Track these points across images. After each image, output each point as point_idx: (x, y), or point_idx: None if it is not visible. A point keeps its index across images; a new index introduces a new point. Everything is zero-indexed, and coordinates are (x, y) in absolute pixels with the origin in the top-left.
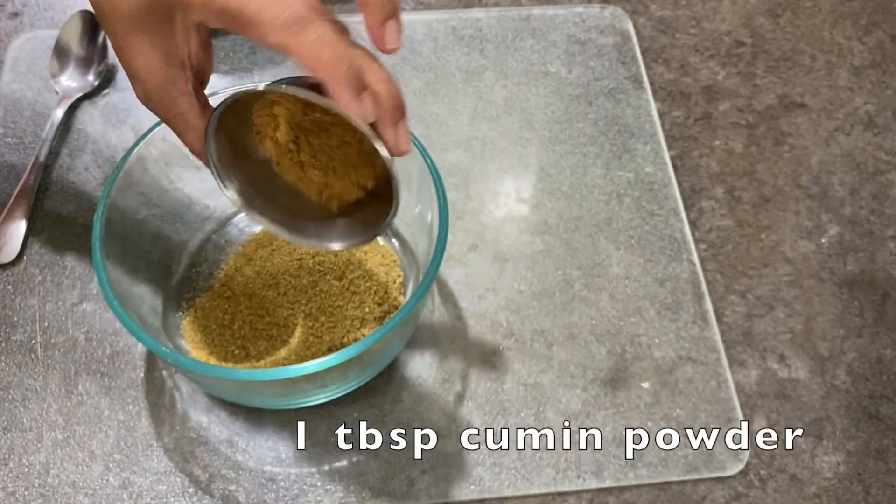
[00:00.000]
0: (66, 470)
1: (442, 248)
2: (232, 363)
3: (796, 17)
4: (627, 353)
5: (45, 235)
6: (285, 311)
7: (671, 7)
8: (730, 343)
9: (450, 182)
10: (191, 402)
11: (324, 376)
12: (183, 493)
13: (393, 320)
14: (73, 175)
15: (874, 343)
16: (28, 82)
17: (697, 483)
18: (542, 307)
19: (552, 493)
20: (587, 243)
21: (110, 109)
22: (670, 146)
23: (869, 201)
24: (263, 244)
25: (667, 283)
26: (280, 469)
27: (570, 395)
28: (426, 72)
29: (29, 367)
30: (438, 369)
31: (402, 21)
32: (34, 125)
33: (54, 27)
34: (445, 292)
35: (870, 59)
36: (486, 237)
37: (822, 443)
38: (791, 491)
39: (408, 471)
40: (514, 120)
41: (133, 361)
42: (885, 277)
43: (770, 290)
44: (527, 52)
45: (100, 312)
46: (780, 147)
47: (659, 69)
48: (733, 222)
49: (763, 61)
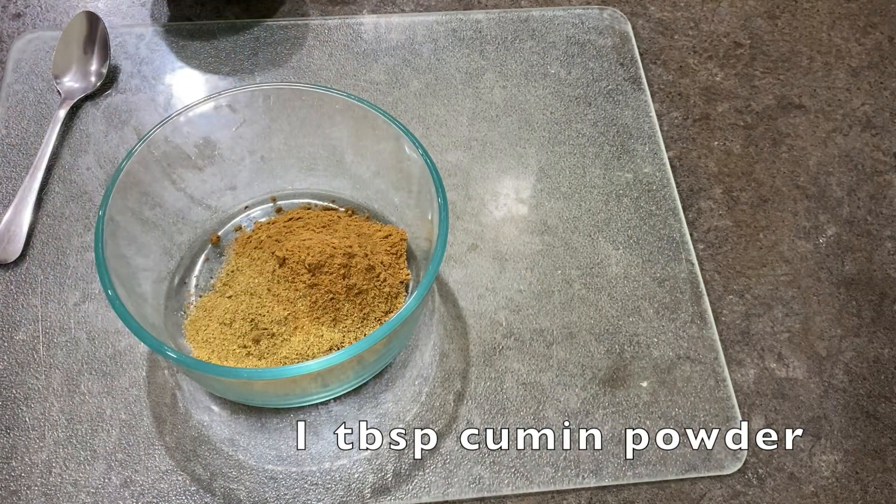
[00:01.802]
0: (69, 469)
1: (442, 248)
2: (233, 362)
3: (794, 19)
4: (626, 352)
5: (48, 235)
6: (286, 310)
7: (670, 9)
8: (728, 342)
9: (450, 182)
10: (192, 401)
11: (325, 375)
12: (184, 492)
13: (393, 320)
14: (75, 175)
15: (872, 342)
16: (30, 83)
17: (696, 482)
18: (542, 307)
19: (551, 491)
20: (586, 243)
21: (112, 110)
22: (669, 147)
23: (866, 202)
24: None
25: (665, 282)
26: (281, 468)
27: (570, 394)
28: (426, 73)
29: (31, 367)
30: (438, 369)
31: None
32: (37, 126)
33: (57, 28)
34: (445, 292)
35: (867, 60)
36: (486, 237)
37: (819, 442)
38: (789, 490)
39: (408, 470)
40: (513, 121)
41: (135, 361)
42: (883, 277)
43: (768, 290)
44: (526, 54)
45: (102, 312)
46: (778, 148)
47: (657, 70)
48: (731, 222)
49: (761, 62)
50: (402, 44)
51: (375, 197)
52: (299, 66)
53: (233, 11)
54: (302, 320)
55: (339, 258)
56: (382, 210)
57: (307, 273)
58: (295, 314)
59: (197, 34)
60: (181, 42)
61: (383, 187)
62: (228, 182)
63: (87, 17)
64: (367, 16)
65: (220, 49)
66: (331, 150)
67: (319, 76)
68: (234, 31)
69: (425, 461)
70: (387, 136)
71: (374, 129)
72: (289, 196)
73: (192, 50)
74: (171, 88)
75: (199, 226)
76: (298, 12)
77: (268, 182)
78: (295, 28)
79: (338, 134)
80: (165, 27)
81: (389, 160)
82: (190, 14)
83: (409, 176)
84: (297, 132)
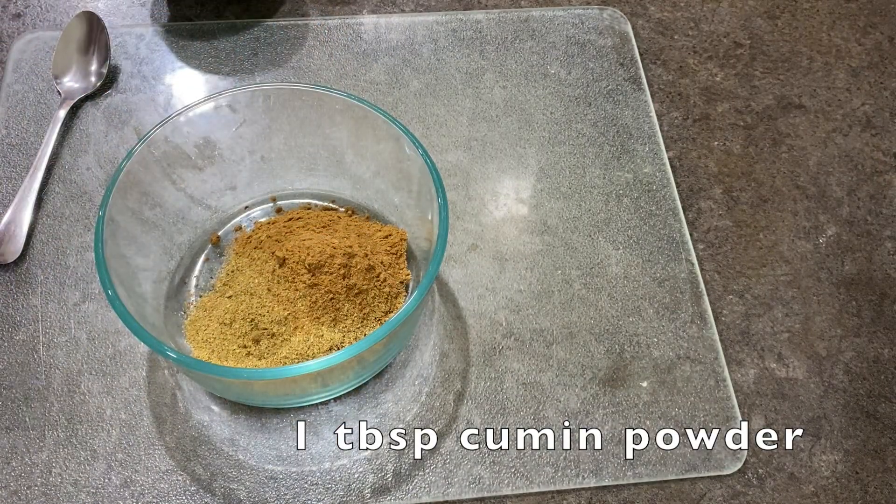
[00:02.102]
0: (69, 469)
1: (442, 248)
2: (233, 362)
3: (794, 19)
4: (626, 352)
5: (48, 235)
6: (286, 310)
7: (670, 9)
8: (728, 342)
9: (450, 182)
10: (192, 401)
11: (325, 375)
12: (185, 492)
13: (393, 320)
14: (75, 175)
15: (872, 342)
16: (31, 83)
17: (696, 482)
18: (542, 307)
19: (551, 491)
20: (586, 243)
21: (112, 110)
22: (669, 147)
23: (866, 202)
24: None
25: (665, 282)
26: (281, 468)
27: (570, 394)
28: (426, 73)
29: (31, 367)
30: (438, 369)
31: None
32: (37, 126)
33: (57, 28)
34: (445, 292)
35: (867, 60)
36: (486, 237)
37: (819, 442)
38: (789, 490)
39: (408, 470)
40: (513, 121)
41: (135, 361)
42: (883, 277)
43: (768, 290)
44: (526, 54)
45: (102, 312)
46: (777, 148)
47: (657, 70)
48: (731, 222)
49: (761, 62)
50: (402, 44)
51: (375, 197)
52: (299, 66)
53: (233, 11)
54: (302, 320)
55: (339, 258)
56: (382, 210)
57: (307, 273)
58: (295, 314)
59: (197, 34)
60: (181, 42)
61: (383, 187)
62: (228, 182)
63: (87, 17)
64: (367, 16)
65: (220, 49)
66: (331, 150)
67: (319, 76)
68: (234, 31)
69: (425, 461)
70: (387, 136)
71: (374, 129)
72: (289, 196)
73: (192, 50)
74: (171, 88)
75: (199, 226)
76: (298, 12)
77: (268, 182)
78: (295, 28)
79: (338, 134)
80: (166, 27)
81: (389, 160)
82: (190, 14)
83: (409, 176)
84: (297, 132)
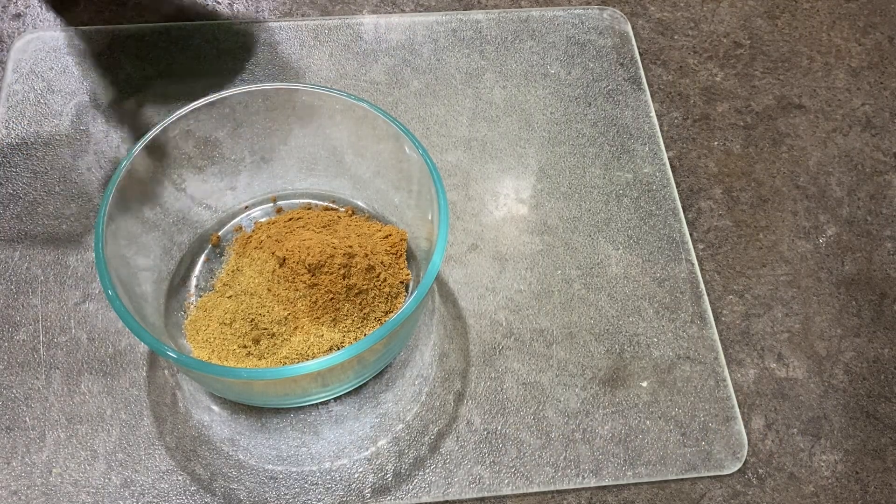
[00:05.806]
0: (69, 469)
1: (442, 249)
2: (233, 362)
3: (794, 19)
4: (626, 352)
5: (48, 236)
6: (286, 310)
7: (670, 9)
8: (728, 342)
9: (450, 182)
10: (193, 401)
11: (325, 375)
12: (185, 492)
13: (393, 320)
14: (75, 175)
15: (872, 342)
16: (31, 83)
17: (696, 481)
18: (542, 307)
19: (551, 491)
20: (586, 243)
21: (113, 110)
22: (669, 147)
23: (866, 202)
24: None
25: (665, 282)
26: (281, 468)
27: (570, 394)
28: (426, 73)
29: (31, 367)
30: (438, 369)
31: (403, 22)
32: (37, 126)
33: (57, 28)
34: (445, 292)
35: (867, 60)
36: (486, 237)
37: (819, 442)
38: (789, 489)
39: (408, 470)
40: (513, 121)
41: (135, 361)
42: (883, 277)
43: (768, 290)
44: (526, 54)
45: (102, 312)
46: (777, 148)
47: (657, 70)
48: (731, 222)
49: (761, 63)
50: (402, 44)
51: (375, 197)
52: (299, 66)
53: (233, 11)
54: (302, 320)
55: (339, 258)
56: (382, 210)
57: (307, 273)
58: (295, 314)
59: (197, 34)
60: (181, 42)
61: (383, 187)
62: (228, 182)
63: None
64: (367, 16)
65: (219, 49)
66: (331, 150)
67: (319, 76)
68: (235, 31)
69: (425, 461)
70: (387, 136)
71: (374, 129)
72: (289, 196)
73: (192, 50)
74: (170, 88)
75: (199, 226)
76: (298, 12)
77: (268, 182)
78: (295, 28)
79: (338, 134)
80: (165, 27)
81: (389, 160)
82: (189, 14)
83: (409, 176)
84: (297, 132)
